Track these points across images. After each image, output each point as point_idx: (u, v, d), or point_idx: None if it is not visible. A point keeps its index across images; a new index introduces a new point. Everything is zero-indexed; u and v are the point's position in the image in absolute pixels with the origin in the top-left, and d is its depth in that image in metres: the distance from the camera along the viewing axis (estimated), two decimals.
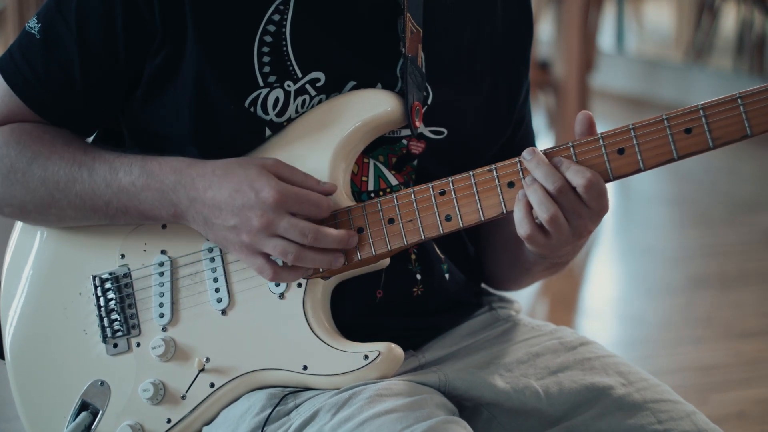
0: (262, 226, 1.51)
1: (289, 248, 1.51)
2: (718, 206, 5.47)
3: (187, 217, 1.56)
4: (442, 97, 1.64)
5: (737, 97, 1.47)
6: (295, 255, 1.52)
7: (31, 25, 1.62)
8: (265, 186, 1.51)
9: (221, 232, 1.54)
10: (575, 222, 1.49)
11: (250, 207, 1.51)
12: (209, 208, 1.54)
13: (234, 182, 1.52)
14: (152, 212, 1.58)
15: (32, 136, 1.63)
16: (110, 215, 1.60)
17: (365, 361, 1.56)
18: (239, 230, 1.52)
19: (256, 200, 1.51)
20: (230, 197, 1.52)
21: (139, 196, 1.57)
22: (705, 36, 7.78)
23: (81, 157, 1.60)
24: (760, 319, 4.03)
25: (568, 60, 5.56)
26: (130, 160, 1.59)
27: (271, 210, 1.50)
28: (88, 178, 1.59)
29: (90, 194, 1.59)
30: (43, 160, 1.61)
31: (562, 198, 1.48)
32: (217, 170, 1.54)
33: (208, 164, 1.56)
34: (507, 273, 1.77)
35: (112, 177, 1.58)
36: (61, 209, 1.62)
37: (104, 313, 1.64)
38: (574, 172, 1.48)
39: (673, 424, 1.59)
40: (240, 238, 1.53)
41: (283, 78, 1.59)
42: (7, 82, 1.63)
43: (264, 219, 1.51)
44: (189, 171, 1.55)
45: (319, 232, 1.51)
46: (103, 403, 1.64)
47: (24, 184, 1.62)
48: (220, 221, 1.53)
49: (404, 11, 1.60)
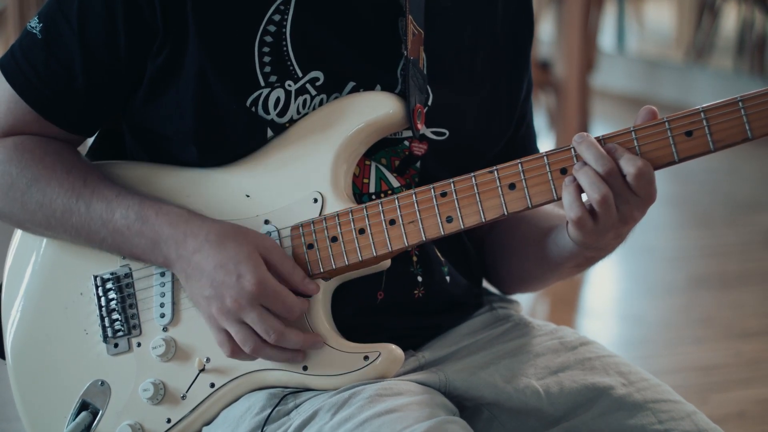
0: (233, 309, 1.53)
1: (249, 339, 1.53)
2: (718, 206, 5.47)
3: (174, 268, 1.58)
4: (443, 99, 1.64)
5: (738, 100, 1.47)
6: (252, 347, 1.54)
7: (33, 25, 1.62)
8: (249, 272, 1.52)
9: (196, 295, 1.56)
10: (622, 207, 1.49)
11: (228, 287, 1.52)
12: (192, 270, 1.55)
13: (222, 256, 1.53)
14: (143, 256, 1.59)
15: (34, 157, 1.63)
16: (104, 249, 1.62)
17: (365, 361, 1.56)
18: (211, 302, 1.54)
19: (236, 283, 1.52)
20: (213, 270, 1.53)
21: (132, 240, 1.58)
22: (705, 36, 7.78)
23: (80, 189, 1.61)
24: (760, 319, 4.03)
25: (569, 60, 5.56)
26: (128, 201, 1.59)
27: (245, 298, 1.52)
28: (85, 213, 1.60)
29: (86, 228, 1.60)
30: (43, 185, 1.62)
31: (612, 181, 1.47)
32: (210, 236, 1.55)
33: (204, 225, 1.56)
34: (532, 271, 1.74)
35: (109, 217, 1.59)
36: (56, 233, 1.64)
37: (105, 313, 1.64)
38: (626, 159, 1.47)
39: (674, 424, 1.59)
40: (210, 308, 1.54)
41: (284, 78, 1.59)
42: (9, 82, 1.63)
43: (236, 304, 1.52)
44: (184, 227, 1.56)
45: (282, 335, 1.53)
46: (103, 403, 1.64)
47: (22, 204, 1.63)
48: (198, 286, 1.55)
49: (406, 13, 1.60)
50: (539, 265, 1.70)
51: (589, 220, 1.49)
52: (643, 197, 1.49)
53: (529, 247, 1.70)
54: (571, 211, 1.49)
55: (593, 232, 1.50)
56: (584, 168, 1.48)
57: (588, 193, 1.48)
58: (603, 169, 1.47)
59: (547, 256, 1.66)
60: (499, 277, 1.80)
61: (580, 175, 1.48)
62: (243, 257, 1.53)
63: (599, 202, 1.47)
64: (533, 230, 1.69)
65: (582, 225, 1.50)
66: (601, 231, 1.51)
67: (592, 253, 1.61)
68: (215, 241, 1.54)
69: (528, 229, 1.71)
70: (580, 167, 1.49)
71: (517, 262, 1.75)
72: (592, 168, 1.47)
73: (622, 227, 1.52)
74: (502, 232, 1.76)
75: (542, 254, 1.67)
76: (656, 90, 7.99)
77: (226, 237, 1.55)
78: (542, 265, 1.69)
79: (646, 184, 1.48)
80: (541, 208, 1.59)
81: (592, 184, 1.47)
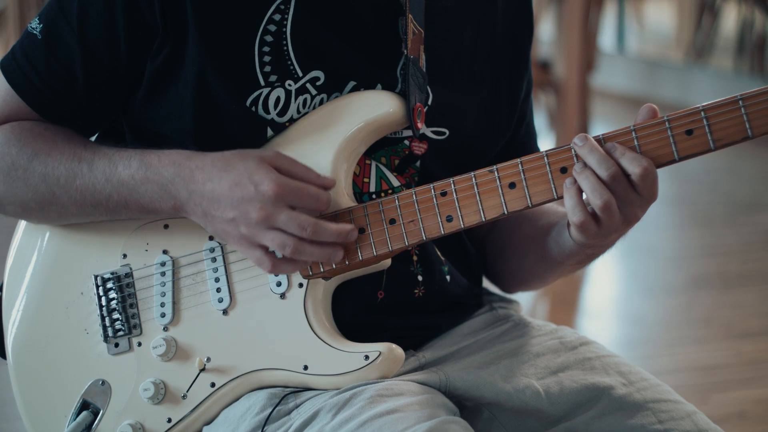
0: (261, 219, 1.51)
1: (287, 241, 1.51)
2: (718, 206, 5.47)
3: (186, 210, 1.56)
4: (443, 98, 1.64)
5: (738, 99, 1.47)
6: (292, 248, 1.51)
7: (33, 26, 1.63)
8: (265, 179, 1.51)
9: (220, 225, 1.54)
10: (626, 209, 1.49)
11: (249, 200, 1.51)
12: (208, 201, 1.54)
13: (233, 175, 1.52)
14: (152, 205, 1.58)
15: (33, 134, 1.63)
16: (111, 209, 1.60)
17: (366, 361, 1.56)
18: (238, 223, 1.52)
19: (255, 193, 1.51)
20: (229, 190, 1.52)
21: (138, 190, 1.57)
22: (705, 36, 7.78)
23: (81, 152, 1.61)
24: (760, 319, 4.03)
25: (569, 60, 5.56)
26: (129, 153, 1.59)
27: (269, 203, 1.50)
28: (88, 172, 1.59)
29: (90, 189, 1.59)
30: (44, 157, 1.61)
31: (615, 185, 1.47)
32: (216, 162, 1.54)
33: (207, 156, 1.55)
34: (533, 269, 1.74)
35: (112, 171, 1.58)
36: (62, 205, 1.62)
37: (106, 312, 1.64)
38: (629, 159, 1.47)
39: (674, 424, 1.59)
40: (239, 230, 1.53)
41: (284, 77, 1.59)
42: (10, 82, 1.63)
43: (263, 212, 1.50)
44: (188, 163, 1.55)
45: (317, 226, 1.51)
46: (104, 403, 1.64)
47: (25, 181, 1.62)
48: (219, 213, 1.53)
49: (406, 13, 1.61)
50: (540, 263, 1.70)
51: (593, 224, 1.49)
52: (646, 197, 1.49)
53: (530, 246, 1.70)
54: (574, 215, 1.49)
55: (596, 235, 1.50)
56: (585, 171, 1.48)
57: (590, 199, 1.47)
58: (606, 174, 1.46)
59: (548, 255, 1.66)
60: (501, 275, 1.80)
61: (581, 178, 1.48)
62: (253, 168, 1.52)
63: (602, 208, 1.47)
64: (534, 229, 1.69)
65: (585, 229, 1.50)
66: (604, 234, 1.51)
67: (593, 251, 1.61)
68: (222, 165, 1.53)
69: (529, 227, 1.71)
70: (581, 169, 1.48)
71: (518, 260, 1.75)
72: (594, 172, 1.47)
73: (626, 227, 1.52)
74: (502, 231, 1.76)
75: (543, 252, 1.67)
76: (656, 90, 7.99)
77: (231, 159, 1.54)
78: (543, 263, 1.69)
79: (650, 183, 1.48)
80: (542, 206, 1.59)
81: (594, 190, 1.47)
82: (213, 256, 1.62)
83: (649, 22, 9.41)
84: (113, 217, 1.62)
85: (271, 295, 1.60)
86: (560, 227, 1.62)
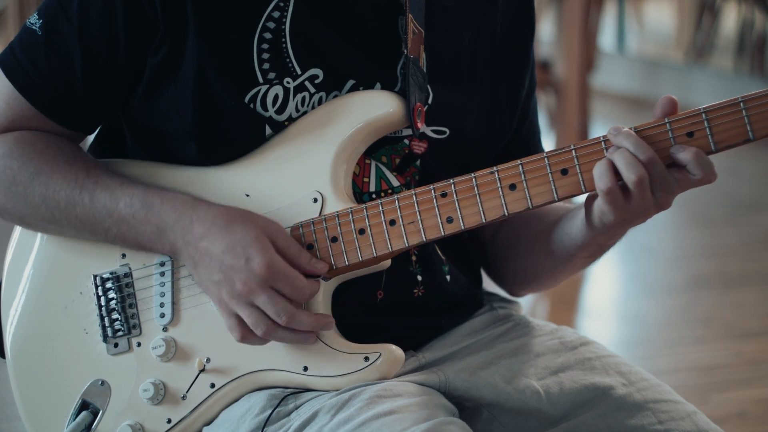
0: (243, 293, 1.52)
1: (261, 321, 1.53)
2: (718, 206, 5.47)
3: (179, 256, 1.58)
4: (443, 97, 1.64)
5: (740, 101, 1.46)
6: (264, 330, 1.53)
7: (32, 21, 1.62)
8: (257, 255, 1.51)
9: (205, 281, 1.55)
10: (659, 193, 1.48)
11: (237, 270, 1.52)
12: (200, 256, 1.54)
13: (230, 240, 1.53)
14: (149, 245, 1.59)
15: (35, 149, 1.63)
16: (109, 240, 1.62)
17: (366, 362, 1.56)
18: (221, 287, 1.53)
19: (245, 267, 1.51)
20: (222, 254, 1.53)
21: (137, 228, 1.58)
22: (706, 36, 7.78)
23: (83, 180, 1.61)
24: (760, 320, 4.03)
25: (569, 60, 5.56)
26: (132, 190, 1.59)
27: (254, 281, 1.51)
28: (89, 203, 1.60)
29: (90, 219, 1.60)
30: (45, 178, 1.61)
31: (651, 168, 1.46)
32: (217, 220, 1.55)
33: (211, 211, 1.56)
34: (543, 266, 1.72)
35: (113, 206, 1.59)
36: (60, 227, 1.63)
37: (105, 312, 1.64)
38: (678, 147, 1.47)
39: (674, 425, 1.59)
40: (220, 293, 1.54)
41: (283, 75, 1.59)
42: (9, 78, 1.63)
43: (246, 287, 1.51)
44: (190, 214, 1.56)
45: (293, 317, 1.52)
46: (104, 403, 1.64)
47: (25, 199, 1.62)
48: (207, 272, 1.54)
49: (406, 12, 1.60)
50: (550, 259, 1.69)
51: (620, 195, 1.48)
52: (684, 188, 1.49)
53: (539, 242, 1.69)
54: (602, 181, 1.47)
55: (622, 209, 1.49)
56: (620, 150, 1.47)
57: (624, 173, 1.46)
58: (644, 156, 1.46)
59: (559, 248, 1.65)
60: (508, 276, 1.80)
61: (615, 156, 1.47)
62: (251, 240, 1.52)
63: (635, 182, 1.46)
64: (543, 225, 1.68)
65: (611, 199, 1.48)
66: (634, 213, 1.49)
67: (607, 240, 1.59)
68: (222, 225, 1.54)
69: (537, 224, 1.70)
70: (615, 150, 1.47)
71: (527, 258, 1.74)
72: (630, 151, 1.47)
73: (656, 212, 1.51)
74: (510, 230, 1.76)
75: (553, 247, 1.66)
76: (656, 90, 7.98)
77: (233, 221, 1.54)
78: (553, 258, 1.68)
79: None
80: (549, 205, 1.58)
81: (629, 165, 1.46)
82: None
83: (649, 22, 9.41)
84: (110, 243, 1.63)
85: None
86: (570, 218, 1.61)
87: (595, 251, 1.63)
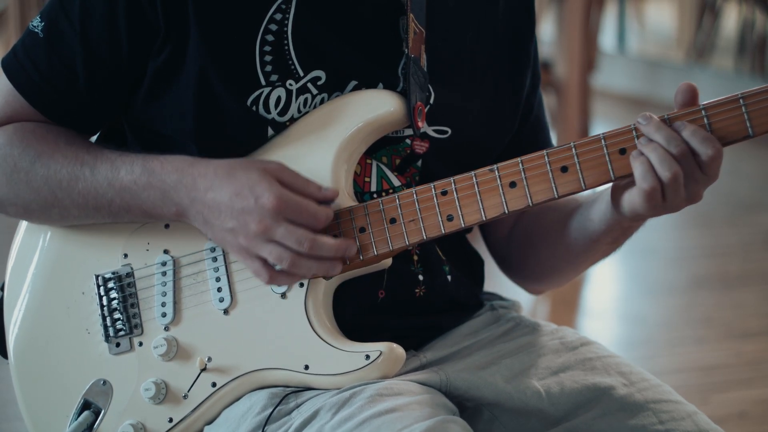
0: (260, 232, 1.51)
1: (285, 255, 1.51)
2: (719, 207, 5.47)
3: (188, 216, 1.57)
4: (444, 97, 1.64)
5: (739, 98, 1.47)
6: (290, 262, 1.52)
7: (35, 24, 1.63)
8: (266, 191, 1.51)
9: (220, 233, 1.54)
10: (690, 186, 1.48)
11: (249, 212, 1.51)
12: (209, 209, 1.54)
13: (235, 185, 1.52)
14: (154, 210, 1.58)
15: (35, 135, 1.63)
16: (113, 213, 1.61)
17: (366, 360, 1.56)
18: (237, 233, 1.53)
19: (255, 205, 1.51)
20: (230, 200, 1.52)
21: (141, 195, 1.57)
22: (706, 36, 7.78)
23: (83, 156, 1.61)
24: (761, 320, 4.03)
25: (570, 60, 5.56)
26: (132, 158, 1.59)
27: (269, 216, 1.51)
28: (91, 176, 1.59)
29: (93, 193, 1.60)
30: (46, 159, 1.61)
31: (684, 162, 1.46)
32: (219, 171, 1.54)
33: (210, 164, 1.56)
34: (566, 255, 1.70)
35: (114, 175, 1.58)
36: (64, 208, 1.62)
37: (107, 312, 1.64)
38: (701, 139, 1.46)
39: (675, 425, 1.59)
40: (237, 240, 1.53)
41: (285, 77, 1.59)
42: (11, 81, 1.63)
43: (261, 225, 1.51)
44: (191, 170, 1.56)
45: (315, 242, 1.52)
46: (105, 403, 1.64)
47: (27, 184, 1.62)
48: (219, 222, 1.53)
49: (407, 12, 1.61)
50: (572, 248, 1.68)
51: (659, 193, 1.47)
52: (711, 177, 1.48)
53: (559, 231, 1.68)
54: (645, 182, 1.47)
55: (659, 206, 1.49)
56: (652, 144, 1.47)
57: (658, 170, 1.46)
58: (676, 150, 1.46)
59: (581, 235, 1.64)
60: (528, 272, 1.79)
61: (648, 150, 1.47)
62: (255, 180, 1.52)
63: (671, 179, 1.46)
64: (560, 214, 1.67)
65: (652, 197, 1.48)
66: (668, 207, 1.49)
67: (631, 222, 1.58)
68: (224, 174, 1.54)
69: (555, 214, 1.69)
70: (648, 142, 1.47)
71: (548, 250, 1.73)
72: (661, 146, 1.46)
73: (688, 204, 1.50)
74: (527, 223, 1.75)
75: (575, 235, 1.65)
76: (657, 90, 7.98)
77: (234, 168, 1.54)
78: (575, 246, 1.67)
79: (718, 165, 1.47)
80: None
81: (663, 162, 1.46)
82: (214, 255, 1.62)
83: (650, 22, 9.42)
84: (115, 220, 1.62)
85: (271, 295, 1.60)
86: (592, 203, 1.61)
87: (618, 236, 1.62)
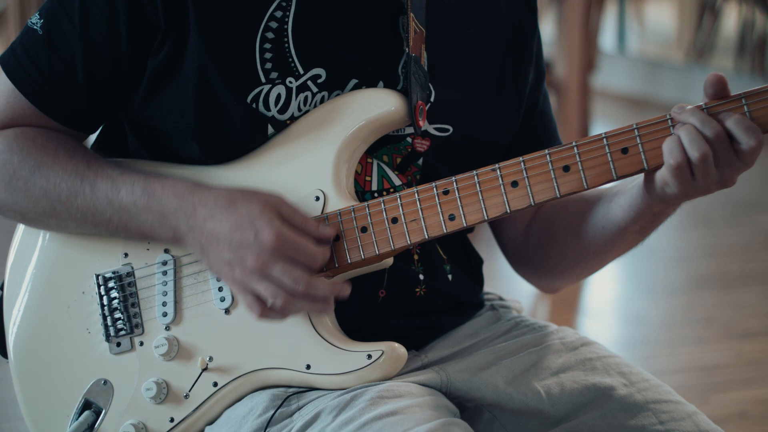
0: (256, 268, 1.51)
1: (279, 293, 1.51)
2: (719, 207, 5.47)
3: (185, 242, 1.57)
4: (445, 95, 1.64)
5: (741, 97, 1.47)
6: (284, 300, 1.52)
7: (34, 21, 1.62)
8: (266, 227, 1.51)
9: (216, 263, 1.54)
10: (723, 170, 1.47)
11: (247, 246, 1.51)
12: (207, 238, 1.54)
13: (235, 217, 1.52)
14: (152, 233, 1.58)
15: (36, 144, 1.63)
16: (111, 231, 1.61)
17: (368, 360, 1.56)
18: (233, 266, 1.52)
19: (254, 241, 1.51)
20: (229, 232, 1.52)
21: (139, 217, 1.57)
22: (706, 36, 7.77)
23: (84, 171, 1.60)
24: (761, 320, 4.03)
25: (570, 60, 5.56)
26: (133, 178, 1.59)
27: (266, 253, 1.50)
28: (90, 193, 1.59)
29: (91, 210, 1.60)
30: (46, 171, 1.61)
31: (717, 145, 1.46)
32: (219, 200, 1.54)
33: (211, 192, 1.55)
34: (591, 246, 1.67)
35: (114, 195, 1.58)
36: (62, 220, 1.62)
37: (107, 312, 1.64)
38: (745, 129, 1.46)
39: (675, 425, 1.59)
40: (233, 272, 1.53)
41: (285, 74, 1.59)
42: (10, 78, 1.63)
43: (259, 261, 1.51)
44: (191, 197, 1.55)
45: (310, 285, 1.51)
46: (106, 402, 1.64)
47: (26, 193, 1.62)
48: (216, 253, 1.53)
49: (407, 11, 1.61)
50: (599, 237, 1.65)
51: (688, 171, 1.47)
52: (747, 164, 1.48)
53: (583, 222, 1.66)
54: (671, 157, 1.46)
55: (688, 184, 1.48)
56: (686, 126, 1.47)
57: (688, 150, 1.46)
58: (711, 133, 1.45)
59: (609, 223, 1.62)
60: (548, 268, 1.77)
61: (681, 131, 1.46)
62: (256, 214, 1.52)
63: (699, 159, 1.45)
64: (587, 202, 1.66)
65: (679, 174, 1.47)
66: (698, 188, 1.49)
67: (662, 208, 1.57)
68: (225, 204, 1.53)
69: (580, 203, 1.68)
70: (681, 126, 1.47)
71: (573, 239, 1.70)
72: (695, 127, 1.46)
73: (719, 188, 1.50)
74: (545, 218, 1.74)
75: (604, 222, 1.63)
76: (657, 90, 7.98)
77: (235, 199, 1.54)
78: (603, 235, 1.65)
79: (758, 153, 1.46)
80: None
81: (692, 141, 1.45)
82: None
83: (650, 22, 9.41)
84: (112, 236, 1.63)
85: None
86: (621, 189, 1.59)
87: (645, 225, 1.60)
